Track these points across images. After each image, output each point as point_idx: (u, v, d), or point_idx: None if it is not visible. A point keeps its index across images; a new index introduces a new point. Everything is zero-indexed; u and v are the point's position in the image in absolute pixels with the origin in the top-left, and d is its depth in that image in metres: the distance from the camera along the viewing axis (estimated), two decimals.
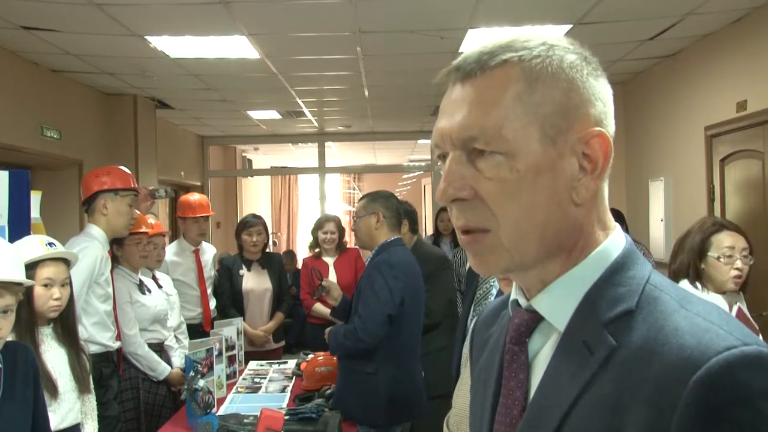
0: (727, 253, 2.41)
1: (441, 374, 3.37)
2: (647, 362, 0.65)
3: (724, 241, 2.43)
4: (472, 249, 0.76)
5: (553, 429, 0.70)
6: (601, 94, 0.76)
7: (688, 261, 2.48)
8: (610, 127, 0.76)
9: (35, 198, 3.11)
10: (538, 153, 0.72)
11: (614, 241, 0.76)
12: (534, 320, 0.78)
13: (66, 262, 2.40)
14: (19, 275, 1.92)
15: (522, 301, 0.80)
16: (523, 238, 0.73)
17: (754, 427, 0.59)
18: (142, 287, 3.49)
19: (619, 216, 5.08)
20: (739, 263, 2.41)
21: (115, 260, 3.38)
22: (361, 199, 3.23)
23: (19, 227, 2.75)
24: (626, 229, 5.03)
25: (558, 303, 0.75)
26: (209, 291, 4.34)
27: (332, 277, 4.40)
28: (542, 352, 0.77)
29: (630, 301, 0.71)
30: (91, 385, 2.51)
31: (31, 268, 2.22)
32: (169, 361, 3.54)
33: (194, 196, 4.58)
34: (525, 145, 0.72)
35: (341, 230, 4.56)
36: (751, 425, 0.59)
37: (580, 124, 0.73)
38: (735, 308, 2.51)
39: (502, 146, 0.72)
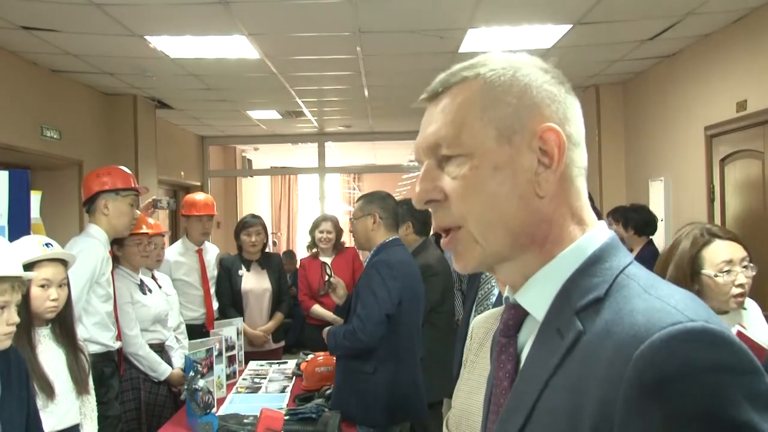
0: (725, 268, 1.95)
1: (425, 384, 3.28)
2: (604, 343, 0.67)
3: (720, 254, 1.97)
4: (451, 248, 0.82)
5: (526, 413, 0.73)
6: (558, 98, 0.81)
7: (678, 283, 1.96)
8: (572, 129, 0.80)
9: (35, 198, 3.11)
10: (494, 150, 0.78)
11: (593, 236, 0.79)
12: (520, 314, 0.82)
13: (63, 263, 2.39)
14: (19, 269, 1.93)
15: (510, 297, 0.84)
16: (489, 230, 0.78)
17: (694, 400, 0.60)
18: (143, 287, 3.48)
19: (646, 211, 4.75)
20: (741, 277, 1.95)
21: (116, 260, 3.38)
22: (358, 200, 3.22)
23: (19, 227, 2.75)
24: (651, 233, 4.71)
25: (537, 296, 0.79)
26: (212, 291, 4.33)
27: None
28: (527, 344, 0.81)
29: (600, 289, 0.73)
30: (91, 386, 2.51)
31: (29, 268, 2.22)
32: (169, 362, 3.54)
33: (199, 195, 4.56)
34: (481, 144, 0.78)
35: (338, 230, 4.55)
36: (690, 399, 0.60)
37: (533, 122, 0.78)
38: (734, 329, 1.99)
39: (462, 148, 0.79)
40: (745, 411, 0.60)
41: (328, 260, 4.47)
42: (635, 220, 4.53)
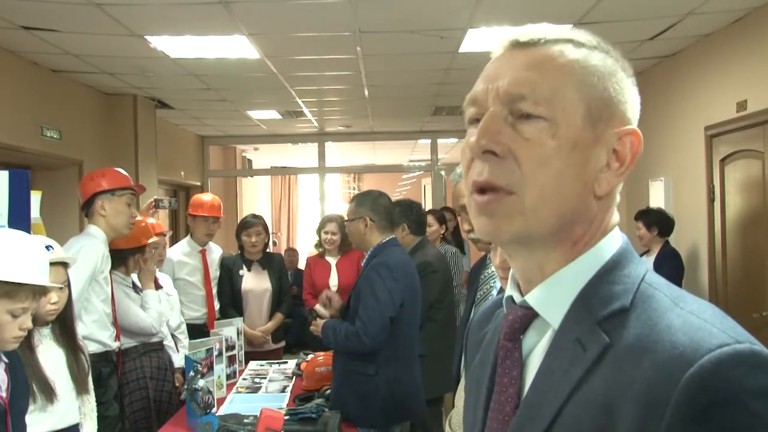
0: None
1: (426, 380, 3.27)
2: (639, 360, 0.64)
3: None
4: (489, 209, 0.74)
5: (545, 426, 0.70)
6: (635, 101, 0.80)
7: None
8: None
9: (35, 198, 3.10)
10: (579, 128, 0.73)
11: (611, 240, 0.77)
12: (528, 317, 0.78)
13: (64, 264, 2.40)
14: (44, 279, 1.95)
15: (517, 297, 0.80)
16: (544, 206, 0.73)
17: (745, 425, 0.59)
18: (135, 288, 3.48)
19: (665, 217, 4.81)
20: None
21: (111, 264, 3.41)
22: (352, 200, 3.20)
23: (19, 227, 2.73)
24: (669, 234, 4.73)
25: (552, 299, 0.75)
26: (214, 291, 4.33)
27: (333, 277, 4.39)
28: (536, 349, 0.77)
29: (624, 299, 0.71)
30: (90, 386, 2.51)
31: None
32: (170, 360, 3.55)
33: (207, 196, 4.57)
34: (570, 116, 0.73)
35: (344, 230, 4.52)
36: (741, 424, 0.59)
37: (618, 119, 0.76)
38: None
39: (549, 111, 0.72)
40: None
41: (333, 261, 4.47)
42: (660, 222, 4.61)
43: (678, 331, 0.64)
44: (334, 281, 4.39)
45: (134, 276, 3.62)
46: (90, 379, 2.51)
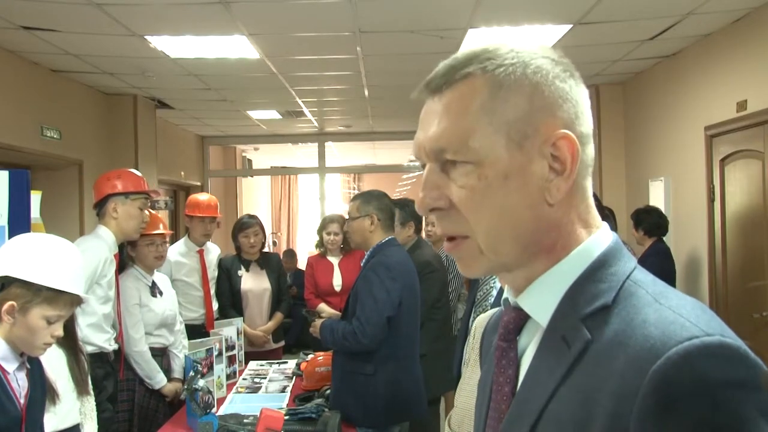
0: None
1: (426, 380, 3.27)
2: (615, 355, 0.66)
3: None
4: (455, 254, 0.80)
5: (532, 422, 0.72)
6: (570, 95, 0.77)
7: None
8: (582, 127, 0.77)
9: (35, 198, 3.10)
10: (505, 159, 0.74)
11: (598, 239, 0.77)
12: (521, 318, 0.80)
13: None
14: (82, 289, 1.97)
15: (511, 299, 0.82)
16: (497, 242, 0.76)
17: (710, 417, 0.59)
18: (153, 289, 3.45)
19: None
20: None
21: (130, 260, 3.39)
22: (354, 199, 3.19)
23: (19, 227, 2.74)
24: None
25: (541, 300, 0.77)
26: (212, 292, 4.32)
27: (336, 277, 4.39)
28: (529, 349, 0.79)
29: (607, 296, 0.72)
30: (90, 387, 2.51)
31: None
32: (170, 365, 3.53)
33: (203, 196, 4.55)
34: (492, 152, 0.74)
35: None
36: (706, 415, 0.59)
37: (546, 127, 0.75)
38: None
39: (470, 155, 0.75)
40: (761, 428, 0.59)
41: (335, 260, 4.46)
42: (647, 222, 4.62)
43: (651, 325, 0.65)
44: (337, 281, 4.38)
45: (157, 274, 3.57)
46: (90, 380, 2.51)
